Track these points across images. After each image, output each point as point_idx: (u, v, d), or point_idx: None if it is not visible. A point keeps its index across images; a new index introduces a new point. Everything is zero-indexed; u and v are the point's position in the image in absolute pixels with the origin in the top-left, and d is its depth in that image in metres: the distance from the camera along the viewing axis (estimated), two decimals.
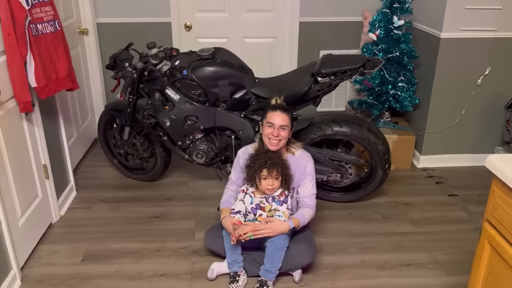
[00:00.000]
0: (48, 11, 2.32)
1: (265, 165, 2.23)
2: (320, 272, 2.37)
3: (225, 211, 2.37)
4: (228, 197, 2.47)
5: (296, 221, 2.29)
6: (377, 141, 2.71)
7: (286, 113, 2.29)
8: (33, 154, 2.50)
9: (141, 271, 2.37)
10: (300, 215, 2.34)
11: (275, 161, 2.25)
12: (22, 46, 2.15)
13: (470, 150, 3.48)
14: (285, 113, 2.28)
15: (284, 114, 2.28)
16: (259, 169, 2.25)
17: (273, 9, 3.83)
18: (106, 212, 2.90)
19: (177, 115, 2.71)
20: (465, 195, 3.11)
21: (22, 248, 2.36)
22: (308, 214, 2.35)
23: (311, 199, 2.40)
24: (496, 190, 1.47)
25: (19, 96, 2.23)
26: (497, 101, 3.32)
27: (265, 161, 2.24)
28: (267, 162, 2.24)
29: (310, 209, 2.38)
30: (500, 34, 3.12)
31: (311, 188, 2.40)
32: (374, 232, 2.71)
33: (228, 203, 2.42)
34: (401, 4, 3.22)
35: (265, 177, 2.25)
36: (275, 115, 2.27)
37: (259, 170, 2.25)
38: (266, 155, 2.28)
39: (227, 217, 2.31)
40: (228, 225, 2.25)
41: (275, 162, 2.25)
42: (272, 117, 2.27)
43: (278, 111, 2.28)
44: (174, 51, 2.83)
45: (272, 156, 2.28)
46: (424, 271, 2.39)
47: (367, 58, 2.56)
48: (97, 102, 3.87)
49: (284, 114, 2.28)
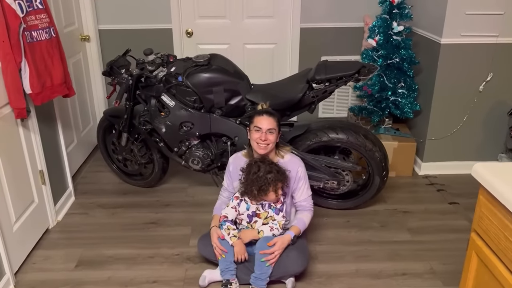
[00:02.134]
0: (43, 19, 2.34)
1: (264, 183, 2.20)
2: (313, 281, 2.34)
3: (216, 218, 2.39)
4: (221, 203, 2.48)
5: (295, 228, 2.30)
6: (373, 148, 2.68)
7: (272, 117, 2.28)
8: (29, 159, 2.52)
9: (133, 277, 2.37)
10: (300, 221, 2.34)
11: (265, 162, 2.24)
12: (16, 53, 2.18)
13: (472, 157, 3.42)
14: (272, 117, 2.28)
15: (271, 118, 2.27)
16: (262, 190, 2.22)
17: (274, 15, 3.83)
18: (103, 218, 2.91)
19: (173, 121, 2.71)
20: (466, 203, 3.06)
21: (16, 253, 2.37)
22: (307, 218, 2.38)
23: (307, 201, 2.41)
24: (482, 200, 1.44)
25: (13, 102, 2.25)
26: (500, 108, 3.26)
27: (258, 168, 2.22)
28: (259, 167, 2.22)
29: (308, 212, 2.39)
30: (502, 39, 3.07)
31: (306, 191, 2.39)
32: (370, 241, 2.67)
33: (220, 210, 2.42)
34: (401, 10, 3.19)
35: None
36: (262, 119, 2.27)
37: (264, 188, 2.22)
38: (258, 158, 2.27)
39: (216, 226, 2.33)
40: (213, 237, 2.29)
41: (268, 167, 2.23)
42: (259, 121, 2.27)
43: (265, 115, 2.28)
44: (171, 57, 2.84)
45: (264, 159, 2.26)
46: (420, 281, 2.34)
47: (362, 64, 2.53)
48: (98, 108, 3.90)
49: (270, 118, 2.27)
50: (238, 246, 2.24)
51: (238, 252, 2.23)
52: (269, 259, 2.20)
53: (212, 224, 2.36)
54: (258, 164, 2.24)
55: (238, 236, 2.27)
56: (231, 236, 2.26)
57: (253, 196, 2.25)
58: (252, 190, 2.23)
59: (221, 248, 2.25)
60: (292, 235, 2.26)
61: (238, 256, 2.23)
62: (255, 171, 2.22)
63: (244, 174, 2.27)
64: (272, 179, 2.19)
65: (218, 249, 2.26)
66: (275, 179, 2.20)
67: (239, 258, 2.23)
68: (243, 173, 2.27)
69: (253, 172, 2.23)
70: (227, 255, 2.24)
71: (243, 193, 2.30)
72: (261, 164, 2.24)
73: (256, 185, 2.21)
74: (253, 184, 2.22)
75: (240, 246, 2.24)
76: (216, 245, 2.28)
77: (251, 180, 2.23)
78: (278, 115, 2.34)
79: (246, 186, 2.26)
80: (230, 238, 2.25)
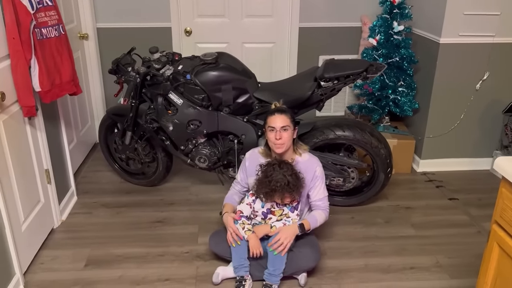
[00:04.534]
0: (52, 16, 2.32)
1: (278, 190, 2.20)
2: (324, 276, 2.38)
3: (227, 206, 2.41)
4: (232, 193, 2.51)
5: (305, 221, 2.29)
6: (379, 145, 2.73)
7: (285, 114, 2.31)
8: (36, 158, 2.49)
9: (144, 276, 2.36)
10: (312, 217, 2.33)
11: (282, 166, 2.24)
12: (26, 50, 2.15)
13: (469, 154, 3.51)
14: (284, 114, 2.30)
15: (283, 115, 2.30)
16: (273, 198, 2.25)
17: (273, 14, 3.86)
18: (108, 217, 2.88)
19: (180, 119, 2.71)
20: (465, 199, 3.14)
21: (25, 254, 2.34)
22: (320, 216, 2.35)
23: (323, 202, 2.40)
24: (505, 192, 1.49)
25: (22, 100, 2.22)
26: (495, 106, 3.36)
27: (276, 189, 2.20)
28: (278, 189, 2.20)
29: (322, 211, 2.38)
30: (499, 39, 3.16)
31: (322, 191, 2.40)
32: (377, 236, 2.72)
33: (232, 199, 2.46)
34: (401, 10, 3.25)
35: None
36: (274, 118, 2.29)
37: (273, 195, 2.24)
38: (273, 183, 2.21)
39: (229, 212, 2.34)
40: (229, 221, 2.29)
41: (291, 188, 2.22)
42: (272, 121, 2.29)
43: (277, 114, 2.31)
44: (176, 56, 2.84)
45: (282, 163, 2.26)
46: (428, 274, 2.40)
47: (370, 63, 2.58)
48: (97, 107, 3.86)
49: (283, 116, 2.29)
50: (253, 240, 2.24)
51: (253, 247, 2.23)
52: (276, 248, 2.20)
53: (224, 211, 2.38)
54: (274, 167, 2.24)
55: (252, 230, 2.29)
56: (246, 230, 2.27)
57: (261, 197, 2.29)
58: (261, 191, 2.26)
59: (237, 234, 2.24)
60: (299, 223, 2.26)
61: (253, 251, 2.23)
62: (268, 175, 2.23)
63: (260, 172, 2.29)
64: (280, 189, 2.20)
65: (234, 235, 2.25)
66: (282, 189, 2.20)
67: (254, 253, 2.23)
68: (260, 171, 2.29)
69: (266, 175, 2.24)
70: (241, 252, 2.25)
71: (255, 192, 2.33)
72: (277, 169, 2.23)
73: (264, 189, 2.24)
74: (262, 186, 2.24)
75: (254, 240, 2.25)
76: (233, 229, 2.26)
77: (263, 182, 2.25)
78: (290, 111, 2.36)
79: (258, 186, 2.28)
80: (245, 232, 2.27)
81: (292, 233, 2.24)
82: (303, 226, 2.27)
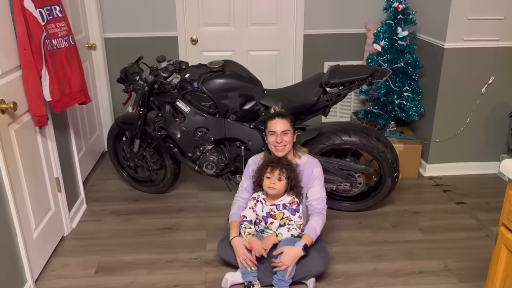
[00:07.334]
0: (62, 27, 2.37)
1: (271, 163, 2.30)
2: (333, 281, 2.38)
3: (234, 225, 2.38)
4: (237, 208, 2.47)
5: (306, 238, 2.25)
6: (385, 150, 2.74)
7: (284, 118, 2.35)
8: (46, 167, 2.52)
9: (155, 282, 2.38)
10: (310, 229, 2.29)
11: (281, 161, 2.31)
12: (37, 61, 2.19)
13: (475, 158, 3.51)
14: (284, 118, 2.35)
15: (283, 119, 2.34)
16: (264, 167, 2.32)
17: (277, 22, 3.90)
18: (117, 225, 2.91)
19: (188, 126, 2.74)
20: (473, 203, 3.14)
21: (36, 261, 2.37)
22: (317, 224, 2.31)
23: (319, 202, 2.38)
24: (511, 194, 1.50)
25: (34, 109, 2.26)
26: (501, 109, 3.36)
27: (271, 161, 2.33)
28: (273, 161, 2.32)
29: (319, 216, 2.34)
30: (503, 43, 3.17)
31: (319, 191, 2.40)
32: (384, 241, 2.72)
33: (237, 215, 2.42)
34: (405, 16, 3.28)
35: (268, 176, 2.29)
36: (275, 122, 2.34)
37: (264, 168, 2.32)
38: (275, 158, 2.35)
39: (238, 237, 2.32)
40: (239, 248, 2.27)
41: (280, 163, 2.31)
42: (273, 125, 2.34)
43: (277, 118, 2.35)
44: (183, 64, 2.88)
45: (280, 159, 2.34)
46: (437, 279, 2.40)
47: (375, 68, 2.60)
48: (104, 116, 3.91)
49: (283, 120, 2.34)
50: (254, 243, 2.26)
51: (255, 250, 2.25)
52: (278, 267, 2.21)
53: (232, 235, 2.34)
54: (273, 161, 2.34)
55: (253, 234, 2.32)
56: (247, 234, 2.30)
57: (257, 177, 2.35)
58: (260, 173, 2.33)
59: (251, 260, 2.25)
60: (302, 245, 2.22)
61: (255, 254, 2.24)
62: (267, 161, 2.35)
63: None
64: (277, 161, 2.30)
65: (249, 261, 2.25)
66: (280, 163, 2.29)
67: (258, 255, 2.24)
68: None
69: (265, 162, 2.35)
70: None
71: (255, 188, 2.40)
72: (276, 160, 2.33)
73: (263, 170, 2.32)
74: (262, 167, 2.33)
75: (256, 243, 2.26)
76: (246, 257, 2.25)
77: (262, 167, 2.34)
78: (290, 115, 2.41)
79: (257, 172, 2.36)
80: (246, 236, 2.30)
81: (295, 256, 2.21)
82: (307, 247, 2.24)
